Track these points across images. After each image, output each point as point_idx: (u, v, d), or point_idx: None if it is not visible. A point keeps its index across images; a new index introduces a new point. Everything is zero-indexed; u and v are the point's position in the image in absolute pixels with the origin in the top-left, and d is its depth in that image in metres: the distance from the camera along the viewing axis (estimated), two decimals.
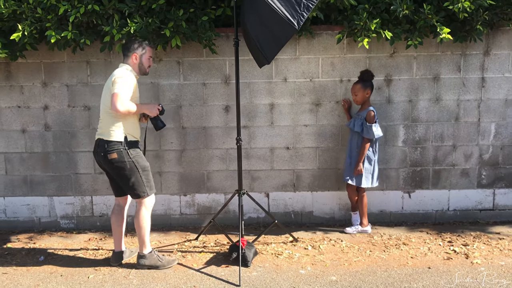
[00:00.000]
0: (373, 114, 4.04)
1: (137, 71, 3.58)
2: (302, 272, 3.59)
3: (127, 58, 3.55)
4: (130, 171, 3.46)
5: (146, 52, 3.58)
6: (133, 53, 3.53)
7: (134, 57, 3.54)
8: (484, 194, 4.60)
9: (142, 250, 3.66)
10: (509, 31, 4.32)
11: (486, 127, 4.49)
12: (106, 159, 3.44)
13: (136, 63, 3.56)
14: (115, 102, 3.30)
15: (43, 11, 3.87)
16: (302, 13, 3.12)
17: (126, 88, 3.37)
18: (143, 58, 3.57)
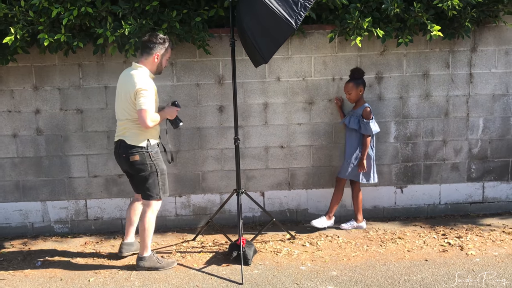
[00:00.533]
0: (369, 110, 4.10)
1: (153, 71, 3.56)
2: (303, 269, 3.64)
3: (147, 56, 3.48)
4: (149, 173, 3.53)
5: (168, 53, 3.56)
6: (156, 52, 3.48)
7: (156, 57, 3.49)
8: (474, 187, 4.72)
9: (143, 252, 3.66)
10: (495, 28, 4.44)
11: (474, 122, 4.61)
12: (128, 161, 3.49)
13: (156, 63, 3.52)
14: (144, 119, 3.33)
15: (35, 14, 3.83)
16: (300, 12, 3.17)
17: (152, 101, 3.40)
18: (163, 59, 3.56)
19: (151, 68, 3.53)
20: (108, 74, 4.34)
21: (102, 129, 4.42)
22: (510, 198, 4.75)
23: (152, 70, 3.54)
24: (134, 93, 3.37)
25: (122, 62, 4.33)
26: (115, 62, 4.32)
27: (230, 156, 4.52)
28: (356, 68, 4.20)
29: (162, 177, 3.59)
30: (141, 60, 3.52)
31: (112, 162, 4.47)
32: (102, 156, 4.46)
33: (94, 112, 4.40)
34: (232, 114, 4.39)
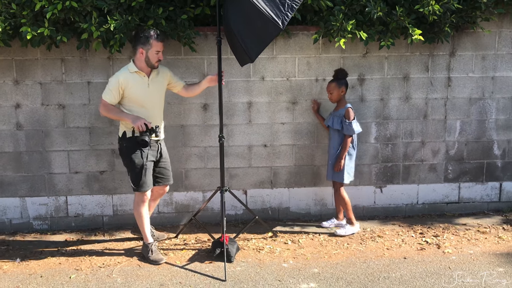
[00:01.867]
0: (351, 111, 4.13)
1: (143, 66, 3.63)
2: (285, 266, 3.68)
3: (135, 51, 3.65)
4: (126, 164, 3.73)
5: (153, 47, 3.58)
6: (139, 47, 3.59)
7: (141, 52, 3.60)
8: (450, 188, 4.86)
9: (143, 239, 3.87)
10: (473, 33, 4.59)
11: (452, 124, 4.74)
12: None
13: (142, 58, 3.62)
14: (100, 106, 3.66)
15: (18, 6, 3.77)
16: (286, 13, 3.21)
17: (110, 92, 3.59)
18: (149, 53, 3.60)
19: (139, 64, 3.63)
20: (91, 70, 4.30)
21: (84, 125, 4.38)
22: (485, 198, 4.91)
23: (141, 65, 3.63)
24: None
25: (106, 57, 4.30)
26: (99, 58, 4.29)
27: (213, 154, 4.54)
28: (339, 68, 4.25)
29: (135, 170, 3.66)
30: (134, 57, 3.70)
31: (94, 159, 4.44)
32: (83, 152, 4.42)
33: (76, 108, 4.36)
34: (216, 112, 4.43)
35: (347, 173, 4.23)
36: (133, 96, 3.64)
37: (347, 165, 4.22)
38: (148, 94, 3.69)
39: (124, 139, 3.67)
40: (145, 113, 3.66)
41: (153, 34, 3.58)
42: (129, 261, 3.79)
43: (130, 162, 3.67)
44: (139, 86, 3.64)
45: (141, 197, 3.76)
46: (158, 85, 3.77)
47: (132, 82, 3.62)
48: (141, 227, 3.82)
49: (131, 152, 3.66)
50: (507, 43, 4.64)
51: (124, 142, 3.68)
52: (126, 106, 3.67)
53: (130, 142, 3.65)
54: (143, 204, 3.77)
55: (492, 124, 4.77)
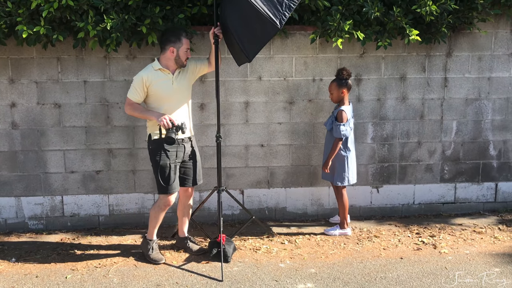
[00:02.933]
0: (343, 114, 4.08)
1: (173, 65, 3.63)
2: (282, 266, 3.68)
3: (164, 51, 3.62)
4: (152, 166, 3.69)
5: (183, 45, 3.60)
6: (170, 46, 3.57)
7: (171, 51, 3.58)
8: (446, 188, 4.87)
9: (147, 235, 3.85)
10: (469, 34, 4.60)
11: (448, 124, 4.76)
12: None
13: (173, 56, 3.59)
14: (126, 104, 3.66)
15: (14, 5, 3.75)
16: (284, 12, 3.21)
17: (134, 90, 3.59)
18: (180, 51, 3.59)
19: (166, 62, 3.62)
20: (87, 69, 4.28)
21: (80, 124, 4.36)
22: (480, 199, 4.92)
23: (168, 63, 3.62)
24: None
25: (102, 56, 4.28)
26: (95, 57, 4.27)
27: (210, 154, 4.53)
28: (342, 68, 4.14)
29: (159, 172, 3.59)
30: (160, 56, 3.67)
31: (90, 158, 4.42)
32: (79, 151, 4.40)
33: (72, 107, 4.33)
34: (213, 112, 4.42)
35: (337, 175, 4.18)
36: (158, 94, 3.59)
37: (338, 168, 4.19)
38: (173, 91, 3.63)
39: (150, 141, 3.63)
40: (170, 110, 3.61)
41: (183, 32, 3.62)
42: (125, 261, 3.78)
43: (155, 164, 3.61)
44: (163, 84, 3.59)
45: (165, 201, 3.67)
46: (184, 81, 3.71)
47: (156, 79, 3.57)
48: (152, 226, 3.79)
49: (156, 153, 3.59)
50: (503, 44, 4.66)
51: (150, 144, 3.64)
52: (151, 104, 3.63)
53: (155, 144, 3.60)
54: (165, 208, 3.72)
55: (488, 125, 4.79)
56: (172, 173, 3.62)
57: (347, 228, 4.31)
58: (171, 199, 3.68)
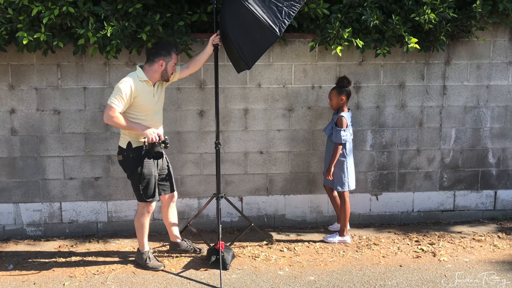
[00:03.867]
0: (343, 119, 4.11)
1: (157, 77, 3.59)
2: (281, 273, 3.67)
3: (151, 63, 3.54)
4: (132, 174, 3.61)
5: (172, 59, 3.58)
6: (160, 59, 3.53)
7: (160, 64, 3.54)
8: (445, 195, 4.87)
9: (139, 247, 3.81)
10: (467, 42, 4.62)
11: (447, 132, 4.76)
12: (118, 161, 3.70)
13: (160, 70, 3.56)
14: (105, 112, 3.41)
15: (15, 12, 3.76)
16: (284, 20, 3.23)
17: (120, 100, 3.40)
18: (168, 66, 3.58)
19: (151, 74, 3.56)
20: (87, 75, 4.29)
21: (79, 130, 4.36)
22: (480, 206, 4.92)
23: (153, 76, 3.57)
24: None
25: (102, 63, 4.29)
26: (95, 64, 4.28)
27: (209, 161, 4.53)
28: (342, 76, 4.18)
29: (144, 181, 3.58)
30: (144, 66, 3.58)
31: (89, 165, 4.42)
32: (78, 158, 4.39)
33: (72, 113, 4.34)
34: (212, 119, 4.43)
35: (337, 181, 4.19)
36: (140, 105, 3.53)
37: (337, 173, 4.19)
38: (154, 103, 3.61)
39: (130, 149, 3.55)
40: (148, 122, 3.57)
41: (174, 47, 3.59)
42: (123, 268, 3.76)
43: (138, 173, 3.54)
44: (147, 95, 3.54)
45: (147, 208, 3.69)
46: (162, 93, 3.72)
47: (142, 90, 3.51)
48: (141, 236, 3.75)
49: (139, 163, 3.54)
50: (502, 52, 4.68)
51: (130, 153, 3.55)
52: (131, 115, 3.53)
53: (137, 152, 3.54)
54: (148, 215, 3.73)
55: (487, 133, 4.80)
56: (156, 181, 3.68)
57: (346, 236, 4.30)
58: (153, 205, 3.73)
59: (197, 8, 4.20)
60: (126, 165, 3.61)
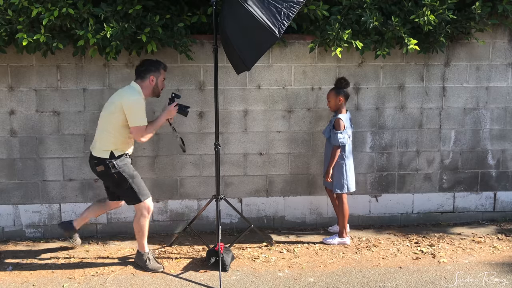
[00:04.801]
0: (341, 122, 4.10)
1: (150, 93, 3.69)
2: (280, 275, 3.66)
3: (143, 80, 3.64)
4: (119, 181, 3.61)
5: (161, 75, 3.70)
6: (151, 75, 3.63)
7: (151, 79, 3.64)
8: (445, 197, 4.87)
9: (139, 249, 3.81)
10: (467, 44, 4.62)
11: (446, 134, 4.76)
12: (96, 171, 3.67)
13: (152, 85, 3.65)
14: (137, 135, 3.55)
15: (14, 13, 3.76)
16: (283, 21, 3.23)
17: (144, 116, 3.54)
18: (158, 81, 3.68)
19: (145, 91, 3.65)
20: (87, 77, 4.29)
21: (79, 132, 4.36)
22: (479, 208, 4.92)
23: (146, 92, 3.66)
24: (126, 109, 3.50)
25: (102, 65, 4.29)
26: (94, 65, 4.28)
27: (209, 162, 4.53)
28: (341, 77, 4.17)
29: (135, 181, 3.65)
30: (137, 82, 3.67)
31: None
32: (78, 159, 4.39)
33: (71, 115, 4.34)
34: (211, 120, 4.42)
35: (336, 183, 4.19)
36: None
37: (336, 175, 4.18)
38: None
39: (114, 158, 3.58)
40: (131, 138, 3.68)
41: (162, 64, 3.71)
42: (123, 269, 3.76)
43: (127, 177, 3.61)
44: None
45: (147, 208, 3.70)
46: None
47: None
48: (141, 238, 3.73)
49: (122, 165, 3.61)
50: (501, 54, 4.68)
51: (115, 161, 3.58)
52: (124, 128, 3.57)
53: (121, 160, 3.62)
54: (148, 215, 3.73)
55: (487, 134, 4.80)
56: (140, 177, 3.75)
57: (346, 237, 4.29)
58: (151, 205, 3.73)
59: (196, 9, 4.20)
60: (111, 174, 3.59)
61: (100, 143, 3.61)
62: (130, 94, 3.55)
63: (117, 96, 3.58)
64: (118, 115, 3.51)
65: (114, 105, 3.53)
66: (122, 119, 3.52)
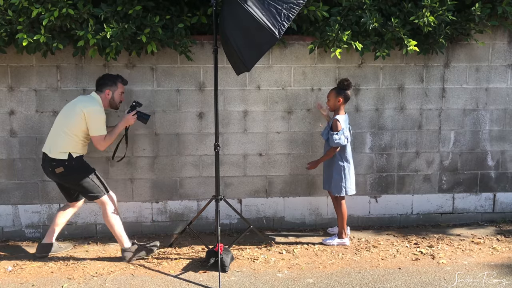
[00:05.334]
0: (338, 123, 4.08)
1: (107, 105, 3.89)
2: (280, 276, 3.66)
3: (99, 92, 3.86)
4: (80, 179, 3.77)
5: (118, 88, 3.89)
6: (107, 89, 3.85)
7: (107, 93, 3.86)
8: (444, 198, 4.87)
9: (123, 244, 3.91)
10: (466, 45, 4.63)
11: (446, 135, 4.77)
12: (55, 173, 3.76)
13: (108, 98, 3.87)
14: (97, 144, 3.77)
15: (15, 13, 3.77)
16: (283, 22, 3.23)
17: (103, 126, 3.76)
18: (115, 94, 3.89)
19: (103, 102, 3.86)
20: (87, 77, 4.30)
21: None
22: (478, 209, 4.92)
23: (105, 104, 3.86)
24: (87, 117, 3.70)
25: (101, 65, 4.29)
26: (94, 65, 4.29)
27: (208, 163, 4.53)
28: (344, 78, 4.13)
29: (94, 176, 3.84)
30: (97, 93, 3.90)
31: None
32: None
33: None
34: (211, 120, 4.43)
35: (334, 185, 4.18)
36: None
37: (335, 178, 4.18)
38: None
39: (72, 159, 3.74)
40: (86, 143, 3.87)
41: (119, 78, 3.92)
42: (122, 270, 3.76)
43: (86, 175, 3.78)
44: None
45: (111, 199, 3.90)
46: None
47: None
48: (119, 231, 3.89)
49: (82, 167, 3.81)
50: (501, 55, 4.69)
51: (73, 162, 3.75)
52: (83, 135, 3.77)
53: (78, 161, 3.79)
54: (115, 205, 3.92)
55: (486, 135, 4.80)
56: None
57: (345, 238, 4.29)
58: (113, 195, 3.96)
59: (196, 10, 4.21)
60: (70, 174, 3.75)
61: (57, 145, 3.74)
62: (92, 104, 3.76)
63: (80, 103, 3.75)
64: (80, 121, 3.71)
65: (75, 111, 3.71)
66: (83, 125, 3.73)
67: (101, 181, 3.89)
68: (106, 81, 3.85)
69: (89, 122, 3.71)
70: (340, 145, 4.09)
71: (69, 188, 3.92)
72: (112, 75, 3.91)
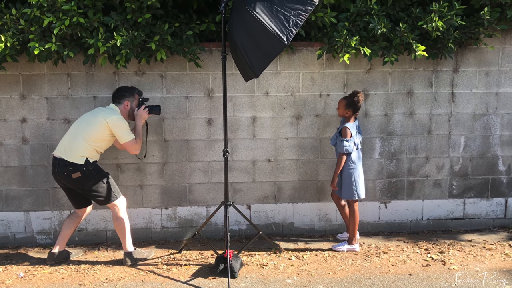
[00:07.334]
0: (347, 130, 4.08)
1: (126, 117, 3.98)
2: (289, 282, 3.66)
3: (118, 105, 3.96)
4: (96, 183, 3.81)
5: (135, 100, 4.02)
6: (125, 100, 3.96)
7: (126, 104, 3.96)
8: (455, 203, 4.83)
9: (127, 248, 3.99)
10: (476, 49, 4.61)
11: (456, 139, 4.74)
12: (71, 178, 3.77)
13: (127, 109, 3.98)
14: (131, 149, 3.91)
15: (26, 22, 3.83)
16: (291, 29, 3.25)
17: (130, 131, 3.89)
18: (133, 105, 4.00)
19: (122, 114, 3.95)
20: (97, 85, 4.35)
21: None
22: (490, 214, 4.87)
23: (124, 115, 3.95)
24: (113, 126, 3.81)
25: (112, 73, 4.34)
26: (104, 73, 4.33)
27: (217, 169, 4.54)
28: (357, 92, 4.11)
29: (109, 180, 3.89)
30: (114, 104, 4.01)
31: None
32: None
33: None
34: (220, 127, 4.45)
35: (344, 190, 4.17)
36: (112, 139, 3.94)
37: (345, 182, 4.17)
38: None
39: (89, 164, 3.79)
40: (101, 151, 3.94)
41: (136, 89, 4.05)
42: (132, 276, 3.77)
43: (102, 179, 3.84)
44: None
45: (123, 202, 3.98)
46: None
47: None
48: (128, 235, 3.97)
49: (98, 172, 3.85)
50: (510, 59, 4.66)
51: (91, 167, 3.80)
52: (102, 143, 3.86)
53: (95, 166, 3.85)
54: (125, 209, 4.00)
55: (497, 140, 4.76)
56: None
57: (355, 244, 4.27)
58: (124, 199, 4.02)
59: (205, 17, 4.24)
60: (88, 179, 3.79)
61: (74, 150, 3.77)
62: (113, 114, 3.85)
63: (101, 113, 3.83)
64: (102, 130, 3.79)
65: (97, 120, 3.80)
66: (104, 134, 3.82)
67: (115, 184, 3.97)
68: (124, 93, 3.96)
69: (116, 131, 3.81)
70: (349, 152, 4.09)
71: (79, 194, 3.94)
72: (128, 87, 4.02)
